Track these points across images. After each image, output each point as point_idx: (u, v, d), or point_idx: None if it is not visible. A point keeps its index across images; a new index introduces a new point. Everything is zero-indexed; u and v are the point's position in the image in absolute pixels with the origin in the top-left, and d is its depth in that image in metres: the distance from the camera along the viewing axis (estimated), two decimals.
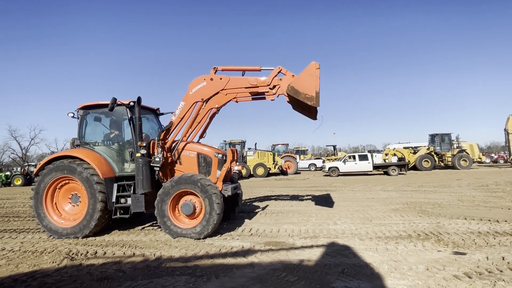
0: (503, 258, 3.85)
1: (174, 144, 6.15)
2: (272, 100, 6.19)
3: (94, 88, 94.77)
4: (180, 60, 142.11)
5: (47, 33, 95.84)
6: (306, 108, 6.05)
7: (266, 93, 6.13)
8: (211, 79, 6.05)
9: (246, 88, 6.05)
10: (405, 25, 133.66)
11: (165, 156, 5.95)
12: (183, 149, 6.13)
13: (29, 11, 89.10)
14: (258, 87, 6.02)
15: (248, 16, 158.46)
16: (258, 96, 6.26)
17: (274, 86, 6.01)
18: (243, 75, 6.28)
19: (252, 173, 23.82)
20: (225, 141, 25.62)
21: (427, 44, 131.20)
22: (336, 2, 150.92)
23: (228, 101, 6.17)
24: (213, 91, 6.05)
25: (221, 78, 6.04)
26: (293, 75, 5.83)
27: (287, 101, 6.18)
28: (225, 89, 6.04)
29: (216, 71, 6.19)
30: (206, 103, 6.11)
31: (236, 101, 6.25)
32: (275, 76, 5.98)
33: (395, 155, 24.12)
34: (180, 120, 6.10)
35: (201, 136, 6.81)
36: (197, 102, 6.08)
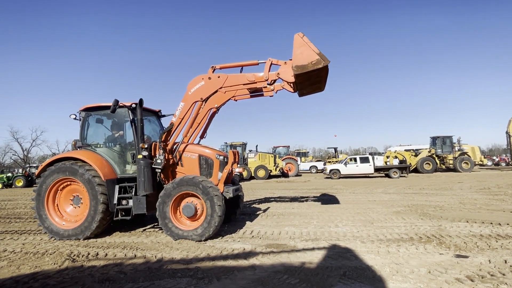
0: (506, 261, 3.83)
1: (175, 146, 6.15)
2: (270, 96, 6.08)
3: (96, 90, 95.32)
4: (182, 61, 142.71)
5: (49, 35, 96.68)
6: (315, 80, 5.88)
7: (264, 89, 6.06)
8: (209, 78, 6.04)
9: (244, 84, 5.98)
10: (406, 25, 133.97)
11: (166, 158, 5.96)
12: (184, 151, 6.14)
13: (31, 12, 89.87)
14: (256, 82, 5.94)
15: (249, 16, 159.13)
16: (256, 93, 6.21)
17: (273, 81, 5.92)
18: (241, 72, 6.24)
19: (253, 175, 23.84)
20: (226, 143, 25.66)
21: (429, 45, 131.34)
22: (335, 1, 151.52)
23: (227, 100, 6.13)
24: (211, 90, 6.03)
25: (219, 77, 6.02)
26: (285, 62, 5.77)
27: (292, 91, 6.01)
28: (223, 87, 6.00)
29: (214, 70, 6.18)
30: (205, 102, 6.09)
31: (235, 100, 6.19)
32: (269, 69, 5.90)
33: (396, 157, 24.03)
34: (181, 121, 6.10)
35: (202, 137, 6.81)
36: (196, 102, 6.07)
